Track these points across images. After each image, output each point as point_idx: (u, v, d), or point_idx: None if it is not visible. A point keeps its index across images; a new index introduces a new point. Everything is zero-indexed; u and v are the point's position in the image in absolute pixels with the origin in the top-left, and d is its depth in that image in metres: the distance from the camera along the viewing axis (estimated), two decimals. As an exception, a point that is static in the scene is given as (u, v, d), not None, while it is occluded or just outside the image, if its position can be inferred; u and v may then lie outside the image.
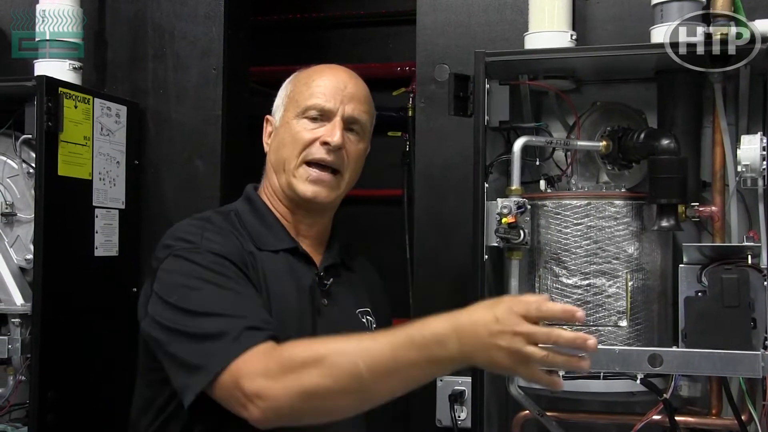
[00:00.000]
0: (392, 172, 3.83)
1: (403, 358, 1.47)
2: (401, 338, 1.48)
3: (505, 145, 2.33)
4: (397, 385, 1.51)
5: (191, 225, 1.78)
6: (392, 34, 3.96)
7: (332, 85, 1.85)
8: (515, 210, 2.06)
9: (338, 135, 1.80)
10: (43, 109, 2.36)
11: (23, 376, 2.41)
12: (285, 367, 1.50)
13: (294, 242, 1.85)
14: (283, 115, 1.88)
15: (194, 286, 1.63)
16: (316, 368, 1.48)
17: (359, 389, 1.49)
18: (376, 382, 1.48)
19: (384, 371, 1.48)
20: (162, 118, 2.80)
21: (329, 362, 1.48)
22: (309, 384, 1.48)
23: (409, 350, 1.47)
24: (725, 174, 2.20)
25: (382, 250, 3.39)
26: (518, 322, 1.43)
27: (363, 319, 1.92)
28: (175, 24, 2.80)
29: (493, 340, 1.44)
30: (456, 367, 1.50)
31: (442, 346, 1.46)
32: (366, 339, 1.54)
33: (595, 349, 1.47)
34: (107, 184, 2.61)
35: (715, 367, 1.93)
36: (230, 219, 1.83)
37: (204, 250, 1.68)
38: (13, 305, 2.42)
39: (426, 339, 1.46)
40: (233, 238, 1.75)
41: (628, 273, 2.10)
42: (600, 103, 2.31)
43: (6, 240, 2.50)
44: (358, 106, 1.86)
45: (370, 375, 1.47)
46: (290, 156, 1.83)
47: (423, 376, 1.51)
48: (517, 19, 2.47)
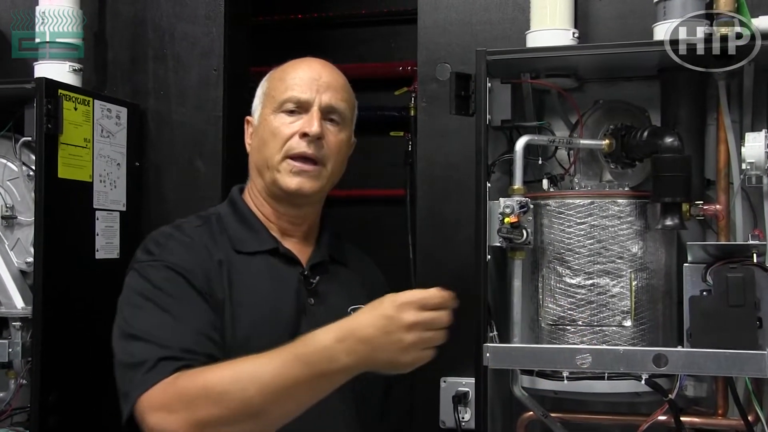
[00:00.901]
0: (395, 172, 3.82)
1: (292, 378, 1.46)
2: (288, 357, 1.47)
3: (507, 144, 2.32)
4: (292, 405, 1.50)
5: (161, 233, 1.81)
6: (393, 33, 3.95)
7: (307, 76, 1.85)
8: (518, 209, 2.05)
9: (316, 125, 1.80)
10: (43, 111, 2.34)
11: (24, 379, 2.40)
12: (180, 400, 1.51)
13: (275, 243, 1.85)
14: (261, 113, 1.88)
15: (138, 305, 1.68)
16: (208, 398, 1.49)
17: (253, 414, 1.48)
18: (268, 405, 1.48)
19: (274, 393, 1.47)
20: (162, 120, 2.79)
21: (219, 390, 1.49)
22: (202, 415, 1.48)
23: (296, 368, 1.46)
24: (730, 172, 2.18)
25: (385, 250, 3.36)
26: (409, 313, 1.45)
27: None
28: (175, 25, 2.79)
29: (390, 338, 1.45)
30: (351, 376, 1.50)
31: (329, 360, 1.46)
32: (257, 361, 1.51)
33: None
34: (108, 186, 2.60)
35: (720, 367, 1.92)
36: (209, 223, 1.85)
37: (160, 264, 1.71)
38: (14, 308, 2.41)
39: (311, 355, 1.46)
40: (197, 249, 1.76)
41: (632, 272, 2.09)
42: (603, 102, 2.30)
43: (6, 243, 2.49)
44: (335, 95, 1.85)
45: (261, 398, 1.47)
46: (272, 152, 1.83)
47: (315, 392, 1.51)
48: (518, 17, 2.45)
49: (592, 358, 1.97)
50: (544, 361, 2.04)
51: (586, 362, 1.97)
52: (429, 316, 1.48)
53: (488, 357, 2.03)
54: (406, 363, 1.49)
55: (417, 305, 1.47)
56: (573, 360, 1.98)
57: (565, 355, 2.00)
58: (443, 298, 1.50)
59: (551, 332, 2.12)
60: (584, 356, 1.97)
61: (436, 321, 1.49)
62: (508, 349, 2.07)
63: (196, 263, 1.73)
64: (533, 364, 2.08)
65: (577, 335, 2.09)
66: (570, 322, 2.10)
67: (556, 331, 2.11)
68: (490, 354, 2.03)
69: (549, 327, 2.12)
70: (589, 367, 1.98)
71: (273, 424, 1.53)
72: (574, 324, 2.09)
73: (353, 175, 2.22)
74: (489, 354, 2.03)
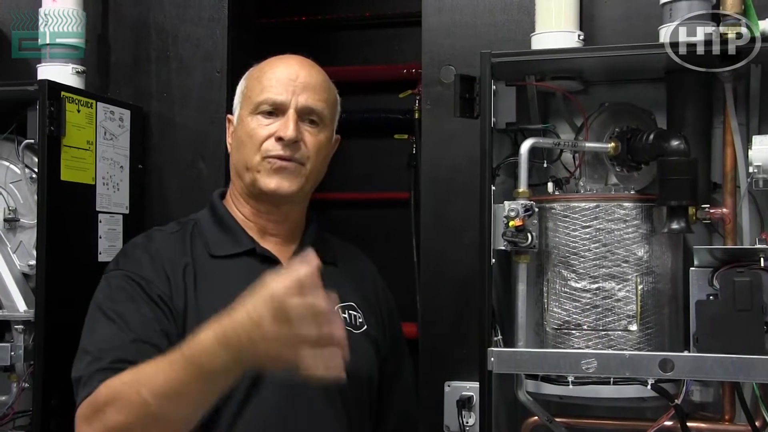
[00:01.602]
0: (398, 175, 3.80)
1: (179, 379, 1.42)
2: (176, 358, 1.44)
3: (512, 147, 2.31)
4: (187, 407, 1.46)
5: (131, 244, 1.85)
6: (397, 35, 3.94)
7: (283, 76, 1.82)
8: (523, 213, 2.04)
9: (291, 128, 1.77)
10: (46, 113, 2.34)
11: (26, 383, 2.39)
12: (94, 410, 1.52)
13: (252, 244, 1.83)
14: (239, 114, 1.87)
15: (92, 317, 1.71)
16: (113, 406, 1.48)
17: (152, 419, 1.46)
18: (163, 408, 1.45)
19: (166, 395, 1.44)
20: (166, 122, 2.78)
21: (120, 397, 1.48)
22: (109, 422, 1.49)
23: (182, 369, 1.42)
24: (736, 175, 2.17)
25: (389, 253, 3.37)
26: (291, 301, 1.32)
27: (343, 315, 1.86)
28: (178, 27, 2.79)
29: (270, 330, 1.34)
30: (238, 373, 1.43)
31: (211, 358, 1.39)
32: (153, 364, 1.48)
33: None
34: (111, 189, 2.59)
35: (727, 372, 1.91)
36: (185, 229, 1.86)
37: (120, 273, 1.74)
38: (16, 311, 2.40)
39: (195, 355, 1.41)
40: (162, 257, 1.76)
41: (638, 276, 2.07)
42: (608, 104, 2.28)
43: (9, 246, 2.48)
44: (312, 96, 1.82)
45: (155, 401, 1.44)
46: (249, 154, 1.81)
47: (207, 392, 1.46)
48: (523, 20, 2.44)
49: (598, 363, 1.96)
50: (549, 365, 2.03)
51: (592, 367, 1.96)
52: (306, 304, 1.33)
53: (493, 361, 2.02)
54: (289, 358, 1.35)
55: (295, 291, 1.33)
56: (578, 364, 1.97)
57: (571, 360, 1.99)
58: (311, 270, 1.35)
59: (556, 336, 2.11)
60: (590, 361, 1.96)
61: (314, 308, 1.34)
62: (512, 353, 2.06)
63: (156, 272, 1.73)
64: (538, 368, 2.07)
65: (583, 339, 2.08)
66: (575, 326, 2.08)
67: (561, 336, 2.10)
68: (495, 358, 2.02)
69: (554, 331, 2.11)
70: (594, 372, 1.97)
71: (177, 427, 1.49)
72: (580, 328, 2.08)
73: (357, 177, 2.22)
74: (493, 358, 2.02)
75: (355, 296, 1.92)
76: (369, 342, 1.90)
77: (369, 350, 1.90)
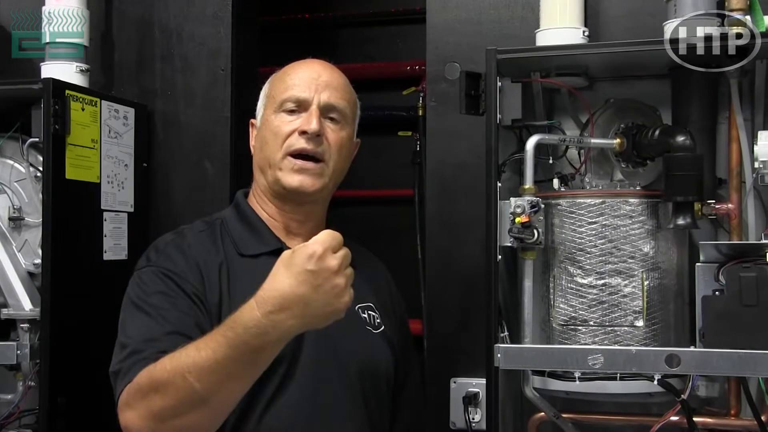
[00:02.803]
0: (403, 172, 3.81)
1: (227, 359, 1.47)
2: (220, 341, 1.48)
3: (517, 143, 2.31)
4: (234, 385, 1.52)
5: (162, 240, 1.86)
6: (402, 32, 3.95)
7: (306, 75, 1.87)
8: (529, 209, 2.04)
9: (314, 122, 1.82)
10: (50, 111, 2.34)
11: (33, 381, 2.39)
12: (136, 395, 1.57)
13: (278, 243, 1.86)
14: (263, 115, 1.91)
15: (129, 312, 1.74)
16: (157, 391, 1.53)
17: (199, 400, 1.50)
18: (210, 389, 1.49)
19: (212, 376, 1.48)
20: (170, 120, 2.78)
21: (163, 382, 1.52)
22: (155, 407, 1.53)
23: (230, 350, 1.47)
24: (742, 171, 2.17)
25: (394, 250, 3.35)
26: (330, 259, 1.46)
27: (363, 315, 1.91)
28: (182, 25, 2.79)
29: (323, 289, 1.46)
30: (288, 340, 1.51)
31: (261, 335, 1.46)
32: (195, 347, 1.52)
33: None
34: (115, 188, 2.59)
35: (733, 367, 1.90)
36: (213, 228, 1.88)
37: (155, 270, 1.76)
38: (22, 310, 2.39)
39: (242, 336, 1.46)
40: (195, 254, 1.79)
41: (644, 272, 2.08)
42: (613, 100, 2.29)
43: (14, 244, 2.47)
44: (334, 93, 1.87)
45: (201, 384, 1.48)
46: (273, 151, 1.85)
47: (251, 367, 1.51)
48: (528, 16, 2.44)
49: (604, 359, 1.96)
50: (555, 361, 2.03)
51: (598, 363, 1.96)
52: (344, 254, 1.49)
53: (499, 357, 2.02)
54: (341, 308, 1.50)
55: (331, 249, 1.47)
56: (585, 360, 1.97)
57: (577, 356, 1.99)
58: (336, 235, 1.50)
59: (563, 332, 2.11)
60: (596, 356, 1.96)
61: (347, 257, 1.50)
62: (519, 349, 2.07)
63: (190, 268, 1.76)
64: (544, 364, 2.07)
65: (589, 335, 2.08)
66: (581, 322, 2.09)
67: (567, 332, 2.10)
68: (501, 354, 2.02)
69: (560, 327, 2.11)
70: (601, 368, 1.97)
71: (222, 407, 1.55)
72: (586, 324, 2.08)
73: (361, 175, 2.22)
74: (500, 354, 2.02)
75: (373, 297, 1.95)
76: (386, 342, 1.94)
77: (387, 350, 1.94)
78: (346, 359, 1.83)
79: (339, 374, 1.81)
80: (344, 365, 1.82)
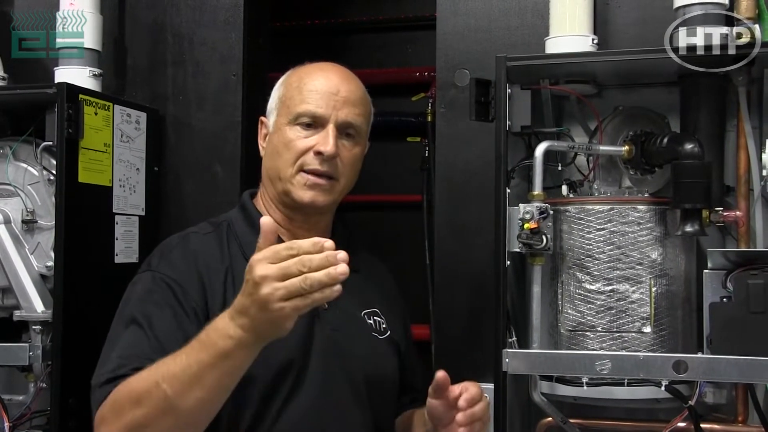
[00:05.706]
0: (412, 178, 3.82)
1: (196, 363, 1.47)
2: (193, 344, 1.49)
3: (526, 150, 2.32)
4: (204, 393, 1.49)
5: (167, 244, 1.85)
6: (411, 39, 3.96)
7: (324, 89, 1.82)
8: (537, 215, 2.05)
9: (331, 144, 1.79)
10: (64, 116, 2.36)
11: (44, 383, 2.41)
12: (111, 410, 1.56)
13: None
14: (276, 120, 1.88)
15: (121, 318, 1.72)
16: (131, 402, 1.52)
17: (169, 408, 1.49)
18: (180, 396, 1.48)
19: (183, 383, 1.48)
20: (182, 125, 2.80)
21: (138, 392, 1.52)
22: (129, 419, 1.52)
23: (199, 353, 1.47)
24: (750, 178, 2.18)
25: (402, 255, 3.39)
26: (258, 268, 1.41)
27: (369, 321, 1.91)
28: (194, 30, 2.80)
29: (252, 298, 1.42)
30: (253, 350, 1.48)
31: (225, 337, 1.45)
32: (171, 357, 1.52)
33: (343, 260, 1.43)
34: (127, 191, 2.61)
35: (741, 374, 1.91)
36: (220, 230, 1.86)
37: (155, 275, 1.75)
38: (34, 312, 2.41)
39: (210, 337, 1.47)
40: (199, 260, 1.77)
41: (652, 278, 2.08)
42: (622, 108, 2.30)
43: (27, 247, 2.49)
44: (353, 110, 1.84)
45: (173, 391, 1.48)
46: (285, 165, 1.82)
47: (224, 375, 1.49)
48: (537, 24, 2.45)
49: (612, 364, 1.97)
50: (563, 366, 2.04)
51: (606, 368, 1.97)
52: (282, 265, 1.40)
53: (507, 362, 2.03)
54: (282, 316, 1.41)
55: (266, 260, 1.41)
56: (592, 366, 1.98)
57: (585, 361, 2.00)
58: (314, 245, 1.42)
59: (571, 338, 2.12)
60: (604, 362, 1.97)
61: (294, 266, 1.40)
62: (527, 354, 2.07)
63: (191, 277, 1.74)
64: (552, 369, 2.08)
65: (597, 341, 2.09)
66: (589, 328, 2.10)
67: (575, 337, 2.11)
68: (510, 359, 2.03)
69: (568, 333, 2.12)
70: (608, 373, 1.98)
71: (190, 416, 1.52)
72: (594, 330, 2.09)
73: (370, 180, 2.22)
74: (508, 359, 2.03)
75: (378, 302, 1.96)
76: (392, 347, 1.95)
77: (393, 355, 1.95)
78: (353, 366, 1.83)
79: (347, 381, 1.81)
80: (351, 372, 1.82)
